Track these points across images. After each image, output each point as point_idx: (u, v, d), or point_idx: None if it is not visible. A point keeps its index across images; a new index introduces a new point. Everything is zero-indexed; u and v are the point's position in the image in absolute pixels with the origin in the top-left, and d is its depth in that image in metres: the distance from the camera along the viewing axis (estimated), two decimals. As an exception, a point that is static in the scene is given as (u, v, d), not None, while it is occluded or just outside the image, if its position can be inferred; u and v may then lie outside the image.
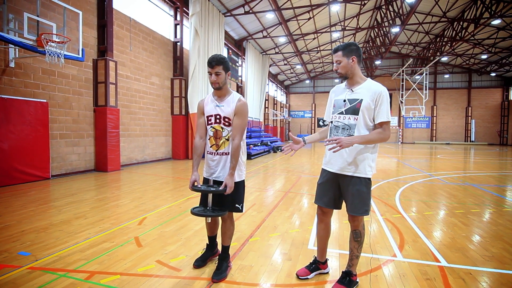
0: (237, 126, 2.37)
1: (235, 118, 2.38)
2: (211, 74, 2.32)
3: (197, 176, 2.37)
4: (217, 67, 2.29)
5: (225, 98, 2.41)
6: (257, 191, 5.98)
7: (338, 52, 2.18)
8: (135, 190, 5.91)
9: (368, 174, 2.17)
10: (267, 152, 15.94)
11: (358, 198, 2.15)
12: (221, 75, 2.32)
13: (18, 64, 6.43)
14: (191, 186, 2.33)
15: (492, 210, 4.67)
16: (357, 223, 2.21)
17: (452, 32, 18.44)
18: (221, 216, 2.40)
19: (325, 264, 2.47)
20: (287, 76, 31.69)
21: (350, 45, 2.16)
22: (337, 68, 2.20)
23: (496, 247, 3.11)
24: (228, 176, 2.31)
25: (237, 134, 2.36)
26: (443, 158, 13.98)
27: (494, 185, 6.88)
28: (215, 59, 2.29)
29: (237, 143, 2.35)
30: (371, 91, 2.12)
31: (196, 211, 2.32)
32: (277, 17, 16.39)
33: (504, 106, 28.49)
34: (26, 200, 4.92)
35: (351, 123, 2.16)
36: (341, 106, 2.23)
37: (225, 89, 2.40)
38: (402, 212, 4.44)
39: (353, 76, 2.19)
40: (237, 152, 2.34)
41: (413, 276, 2.48)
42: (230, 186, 2.29)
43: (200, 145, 2.47)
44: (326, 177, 2.31)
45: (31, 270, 2.50)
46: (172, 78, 12.09)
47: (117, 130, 8.65)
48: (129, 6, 9.84)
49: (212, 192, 2.28)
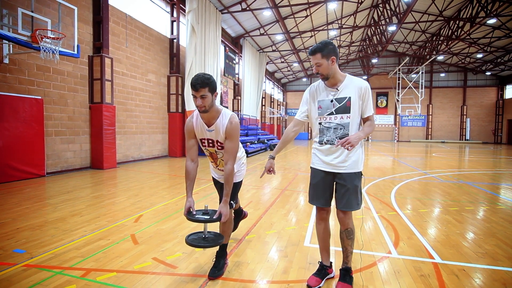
0: (228, 150, 2.22)
1: (227, 142, 2.23)
2: (195, 98, 2.07)
3: (191, 203, 2.22)
4: (202, 89, 2.04)
5: (214, 121, 2.22)
6: (254, 189, 5.99)
7: (316, 54, 2.09)
8: (131, 187, 5.89)
9: (360, 168, 2.20)
10: (264, 150, 15.96)
11: (354, 193, 2.17)
12: (207, 98, 2.07)
13: (12, 60, 6.35)
14: (186, 214, 2.20)
15: (485, 208, 4.73)
16: (349, 220, 2.21)
17: (448, 31, 18.54)
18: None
19: (331, 268, 2.41)
20: (284, 74, 31.67)
21: (328, 44, 2.09)
22: (317, 71, 2.13)
23: (489, 244, 3.15)
24: (223, 204, 2.22)
25: (230, 159, 2.22)
26: (438, 156, 14.09)
27: (488, 183, 6.96)
28: (199, 80, 2.03)
29: (230, 168, 2.21)
30: (356, 88, 2.13)
31: (190, 241, 2.19)
32: (274, 15, 16.33)
33: (499, 105, 28.76)
34: (21, 197, 4.89)
35: (344, 122, 2.15)
36: (329, 107, 2.18)
37: (213, 111, 2.18)
38: (397, 210, 4.47)
39: (334, 75, 2.14)
40: (230, 177, 2.22)
41: (407, 272, 2.50)
42: (225, 214, 2.20)
43: (192, 168, 2.28)
44: (320, 177, 2.27)
45: (26, 267, 2.49)
46: (168, 75, 12.03)
47: (113, 127, 8.59)
48: (125, 2, 9.75)
49: (207, 221, 2.17)
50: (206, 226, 2.25)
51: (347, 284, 2.20)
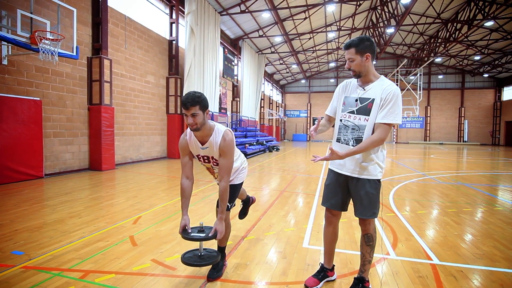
0: (223, 166, 2.20)
1: (221, 159, 2.22)
2: (187, 116, 2.05)
3: (187, 221, 2.19)
4: (193, 108, 2.01)
5: (208, 138, 2.20)
6: (253, 190, 5.99)
7: (350, 49, 1.99)
8: (130, 189, 5.88)
9: (378, 176, 2.07)
10: (263, 152, 15.96)
11: (367, 200, 2.05)
12: (198, 116, 2.04)
13: (11, 62, 6.35)
14: (181, 232, 2.17)
15: (483, 209, 4.75)
16: (368, 226, 2.10)
17: (446, 33, 18.64)
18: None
19: (332, 271, 2.37)
20: (282, 75, 31.73)
21: (364, 40, 1.98)
22: (349, 66, 2.02)
23: (487, 245, 3.16)
24: (218, 221, 2.19)
25: (224, 175, 2.20)
26: (436, 158, 14.14)
27: (486, 185, 6.99)
28: (189, 99, 2.00)
29: (224, 186, 2.19)
30: (382, 90, 1.98)
31: (186, 260, 2.17)
32: (273, 17, 16.40)
33: (496, 106, 28.90)
34: (19, 199, 4.87)
35: (361, 124, 2.03)
36: (352, 105, 2.08)
37: (205, 129, 2.14)
38: (395, 211, 4.49)
39: (367, 74, 2.03)
40: (225, 195, 2.20)
41: (405, 273, 2.51)
42: (221, 231, 2.18)
43: (187, 186, 2.26)
44: (334, 179, 2.20)
45: (24, 269, 2.48)
46: (167, 76, 12.04)
47: (112, 128, 8.59)
48: (124, 4, 9.77)
49: (202, 240, 2.14)
50: (201, 244, 2.25)
51: None
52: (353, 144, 2.07)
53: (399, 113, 1.96)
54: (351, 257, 2.84)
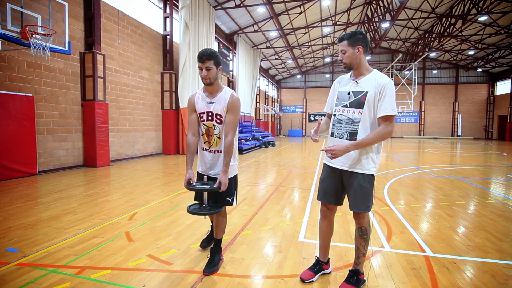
0: (229, 122, 2.33)
1: (228, 115, 2.34)
2: (201, 69, 2.25)
3: (191, 174, 2.31)
4: (208, 61, 2.22)
5: (217, 94, 2.35)
6: (249, 185, 6.00)
7: (343, 41, 2.06)
8: (125, 185, 5.85)
9: (371, 171, 2.09)
10: (259, 147, 15.96)
11: (360, 194, 2.08)
12: (212, 70, 2.24)
13: (2, 57, 6.23)
14: (186, 185, 2.30)
15: (476, 202, 4.83)
16: (362, 219, 2.14)
17: (441, 28, 18.70)
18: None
19: (327, 264, 2.41)
20: (278, 71, 31.63)
21: (356, 33, 2.04)
22: (341, 58, 2.08)
23: (479, 237, 3.22)
24: (222, 173, 2.28)
25: (230, 131, 2.32)
26: (430, 152, 14.28)
27: (478, 178, 7.09)
28: (205, 53, 2.21)
29: (230, 140, 2.31)
30: (376, 83, 2.01)
31: (192, 210, 2.29)
32: (268, 11, 16.28)
33: (490, 101, 29.19)
34: (12, 196, 4.82)
35: (355, 117, 2.06)
36: (345, 99, 2.12)
37: (216, 84, 2.33)
38: (390, 205, 4.53)
39: (359, 67, 2.08)
40: (230, 149, 2.31)
41: (399, 265, 2.55)
42: (225, 183, 2.27)
43: (193, 142, 2.40)
44: (329, 173, 2.24)
45: (19, 266, 2.47)
46: (162, 72, 11.93)
47: (106, 125, 8.51)
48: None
49: (206, 190, 2.25)
50: (205, 196, 2.34)
51: (351, 286, 2.14)
52: (347, 137, 2.09)
53: (395, 104, 2.05)
54: (346, 250, 2.87)
